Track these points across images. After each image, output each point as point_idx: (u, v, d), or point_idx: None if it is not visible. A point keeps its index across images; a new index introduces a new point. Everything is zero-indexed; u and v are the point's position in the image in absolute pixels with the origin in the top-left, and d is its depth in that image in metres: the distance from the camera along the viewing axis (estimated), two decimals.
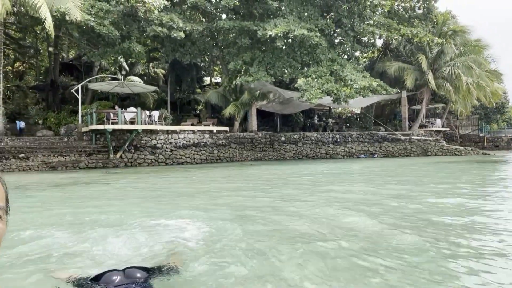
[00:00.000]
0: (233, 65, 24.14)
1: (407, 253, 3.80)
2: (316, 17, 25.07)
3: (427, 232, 4.66)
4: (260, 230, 4.91)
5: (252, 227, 5.10)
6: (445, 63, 30.18)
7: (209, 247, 4.12)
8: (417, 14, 31.20)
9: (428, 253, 3.79)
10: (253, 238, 4.46)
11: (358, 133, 28.11)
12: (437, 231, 4.71)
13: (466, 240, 4.29)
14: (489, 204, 6.82)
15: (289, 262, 3.61)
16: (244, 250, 3.96)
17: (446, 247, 4.01)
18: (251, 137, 26.26)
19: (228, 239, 4.44)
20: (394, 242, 4.22)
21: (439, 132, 33.01)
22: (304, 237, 4.50)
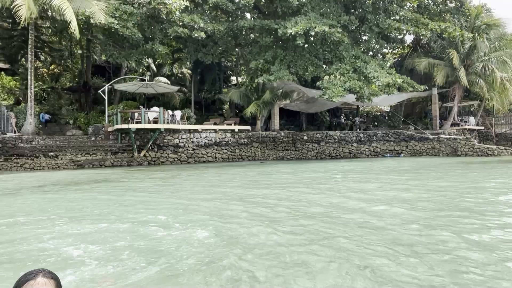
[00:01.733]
0: (254, 64, 24.17)
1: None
2: (339, 13, 24.61)
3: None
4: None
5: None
6: (478, 59, 28.68)
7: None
8: (449, 7, 29.89)
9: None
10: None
11: (383, 132, 27.32)
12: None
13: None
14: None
15: None
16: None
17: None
18: (273, 136, 26.19)
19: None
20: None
21: (473, 131, 31.44)
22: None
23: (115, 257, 4.16)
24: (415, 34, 27.40)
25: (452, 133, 28.02)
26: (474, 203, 7.34)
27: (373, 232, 5.07)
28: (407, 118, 34.32)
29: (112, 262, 3.98)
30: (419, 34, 26.41)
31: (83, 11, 18.32)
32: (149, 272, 3.71)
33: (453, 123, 31.01)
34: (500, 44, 28.95)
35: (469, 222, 5.63)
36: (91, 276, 3.60)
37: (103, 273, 3.69)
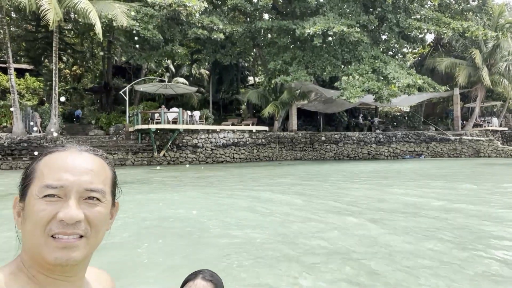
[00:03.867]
0: (273, 64, 24.21)
1: None
2: (358, 13, 24.40)
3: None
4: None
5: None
6: (501, 58, 27.98)
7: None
8: (471, 6, 29.29)
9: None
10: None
11: (403, 132, 26.95)
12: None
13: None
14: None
15: None
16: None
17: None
18: (291, 137, 26.17)
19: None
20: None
21: (496, 132, 30.69)
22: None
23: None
24: (436, 33, 26.92)
25: (474, 134, 27.44)
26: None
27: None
28: (428, 118, 33.74)
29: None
30: (440, 33, 25.95)
31: (106, 14, 18.72)
32: None
33: (476, 124, 30.35)
34: None
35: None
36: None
37: None
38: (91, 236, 0.72)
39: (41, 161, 0.76)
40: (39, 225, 0.69)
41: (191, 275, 1.53)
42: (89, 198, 0.73)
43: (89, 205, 0.72)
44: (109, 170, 0.80)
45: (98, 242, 0.76)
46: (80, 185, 0.72)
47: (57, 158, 0.75)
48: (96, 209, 0.73)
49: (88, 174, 0.74)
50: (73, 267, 0.73)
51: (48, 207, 0.70)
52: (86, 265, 0.79)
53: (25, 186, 0.75)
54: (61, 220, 0.69)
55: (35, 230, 0.70)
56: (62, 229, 0.69)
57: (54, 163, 0.74)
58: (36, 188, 0.72)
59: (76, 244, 0.70)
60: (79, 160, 0.75)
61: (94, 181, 0.73)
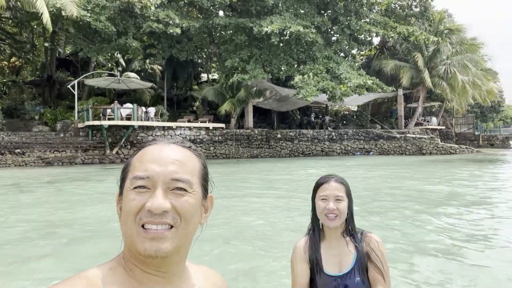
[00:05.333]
0: (230, 62, 24.18)
1: None
2: (313, 15, 25.13)
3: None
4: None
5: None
6: (441, 62, 30.30)
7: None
8: (414, 12, 31.30)
9: None
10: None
11: (353, 130, 28.24)
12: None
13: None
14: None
15: None
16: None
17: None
18: (248, 134, 26.33)
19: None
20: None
21: (435, 130, 33.20)
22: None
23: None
24: (384, 36, 28.48)
25: (416, 132, 29.45)
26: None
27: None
28: (374, 117, 35.63)
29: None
30: (387, 36, 27.48)
31: (54, 3, 17.52)
32: None
33: (417, 122, 32.59)
34: (461, 48, 30.73)
35: None
36: None
37: None
38: (180, 226, 0.73)
39: (135, 156, 0.79)
40: (130, 214, 0.72)
41: (324, 178, 1.76)
42: (176, 189, 0.73)
43: (176, 195, 0.73)
44: (198, 162, 0.80)
45: (189, 234, 0.76)
46: (166, 175, 0.73)
47: (147, 151, 0.77)
48: (184, 199, 0.74)
49: (174, 164, 0.75)
50: (165, 260, 0.72)
51: (137, 197, 0.72)
52: (181, 261, 0.78)
53: (122, 180, 0.78)
54: (149, 210, 0.70)
55: (127, 220, 0.72)
56: (150, 218, 0.70)
57: (144, 156, 0.76)
58: (128, 181, 0.75)
59: (165, 235, 0.71)
60: (166, 151, 0.76)
61: (180, 171, 0.74)
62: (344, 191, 1.71)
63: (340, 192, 1.70)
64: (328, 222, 1.69)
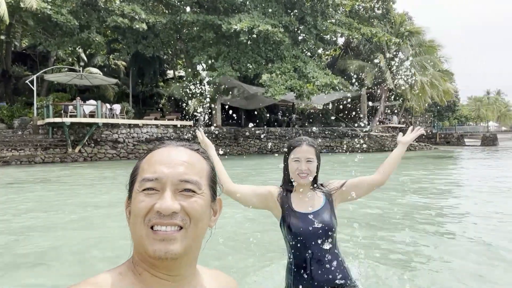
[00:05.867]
0: (198, 59, 23.94)
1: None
2: (280, 14, 25.38)
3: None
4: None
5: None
6: (401, 63, 31.56)
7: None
8: (376, 14, 32.39)
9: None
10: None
11: (320, 128, 28.88)
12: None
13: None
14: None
15: None
16: None
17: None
18: (216, 132, 26.20)
19: None
20: None
21: (395, 128, 34.57)
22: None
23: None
24: (349, 37, 29.26)
25: (378, 131, 30.57)
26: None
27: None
28: (339, 115, 36.57)
29: None
30: (352, 37, 28.27)
31: None
32: None
33: (379, 121, 33.82)
34: (420, 50, 32.19)
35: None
36: None
37: None
38: (190, 227, 0.73)
39: (144, 159, 0.80)
40: (139, 216, 0.72)
41: (296, 142, 1.96)
42: (185, 190, 0.74)
43: (185, 196, 0.74)
44: (206, 164, 0.81)
45: (198, 235, 0.75)
46: (174, 176, 0.74)
47: (155, 154, 0.79)
48: (193, 200, 0.74)
49: (182, 166, 0.75)
50: (174, 262, 0.72)
51: (146, 199, 0.73)
52: (191, 263, 0.78)
53: (131, 183, 0.79)
54: (158, 211, 0.70)
55: (136, 222, 0.73)
56: (159, 220, 0.70)
57: (152, 158, 0.78)
58: (137, 184, 0.76)
59: (174, 237, 0.71)
60: (175, 153, 0.77)
61: (188, 173, 0.75)
62: (314, 153, 1.94)
63: (311, 155, 1.92)
64: (300, 180, 1.93)
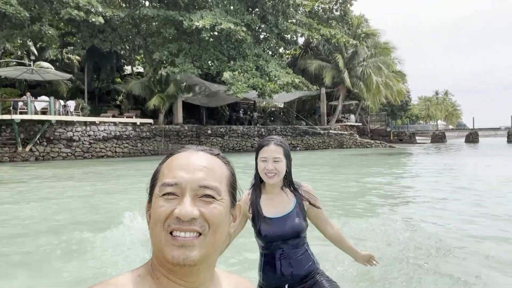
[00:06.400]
0: (158, 55, 23.41)
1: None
2: (242, 12, 25.38)
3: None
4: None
5: None
6: (358, 63, 32.75)
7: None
8: (335, 15, 33.30)
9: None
10: None
11: (281, 127, 29.26)
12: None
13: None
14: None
15: None
16: None
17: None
18: (177, 130, 25.80)
19: None
20: None
21: (353, 127, 35.80)
22: None
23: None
24: (309, 37, 29.85)
25: (337, 129, 31.53)
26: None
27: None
28: (299, 114, 37.24)
29: None
30: (312, 37, 28.86)
31: None
32: None
33: (338, 119, 34.86)
34: (376, 51, 33.53)
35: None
36: None
37: None
38: (209, 234, 0.72)
39: (164, 163, 0.79)
40: (158, 221, 0.72)
41: (265, 141, 1.93)
42: (204, 196, 0.73)
43: (204, 202, 0.73)
44: (226, 170, 0.80)
45: (217, 242, 0.75)
46: (194, 182, 0.73)
47: (175, 159, 0.78)
48: (212, 206, 0.73)
49: (202, 171, 0.75)
50: (193, 268, 0.72)
51: (166, 204, 0.72)
52: (209, 269, 0.77)
53: (151, 188, 0.79)
54: (177, 217, 0.70)
55: (155, 227, 0.73)
56: (178, 225, 0.70)
57: (172, 163, 0.77)
58: (157, 188, 0.76)
59: (193, 243, 0.70)
60: (194, 159, 0.77)
61: (208, 178, 0.74)
62: (282, 153, 1.90)
63: (278, 154, 1.89)
64: (268, 179, 1.91)
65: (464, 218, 5.61)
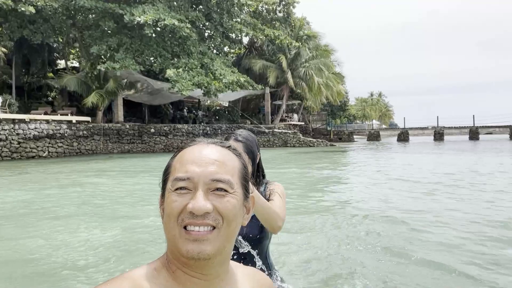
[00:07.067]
0: (96, 49, 22.17)
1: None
2: (186, 8, 24.92)
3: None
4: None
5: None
6: (301, 64, 33.72)
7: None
8: (278, 17, 33.97)
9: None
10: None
11: (227, 125, 29.21)
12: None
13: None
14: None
15: None
16: None
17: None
18: (117, 129, 24.66)
19: None
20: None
21: (296, 126, 36.78)
22: None
23: None
24: (253, 37, 30.12)
25: (281, 128, 32.20)
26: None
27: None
28: (244, 113, 37.46)
29: None
30: (256, 37, 29.15)
31: None
32: None
33: (282, 119, 35.62)
34: (317, 53, 34.74)
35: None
36: None
37: None
38: (222, 227, 0.73)
39: (176, 157, 0.79)
40: (172, 216, 0.72)
41: (227, 137, 1.84)
42: (217, 190, 0.74)
43: (217, 196, 0.73)
44: (238, 162, 0.80)
45: (231, 235, 0.75)
46: (206, 175, 0.73)
47: (187, 152, 0.78)
48: (225, 199, 0.74)
49: (214, 165, 0.75)
50: (207, 262, 0.72)
51: (179, 199, 0.72)
52: (224, 262, 0.78)
53: (164, 182, 0.79)
54: (191, 212, 0.71)
55: (169, 222, 0.73)
56: (192, 220, 0.71)
57: (184, 157, 0.77)
58: (170, 183, 0.76)
59: (207, 237, 0.71)
60: (206, 152, 0.77)
61: (220, 171, 0.74)
62: (241, 149, 1.75)
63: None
64: None
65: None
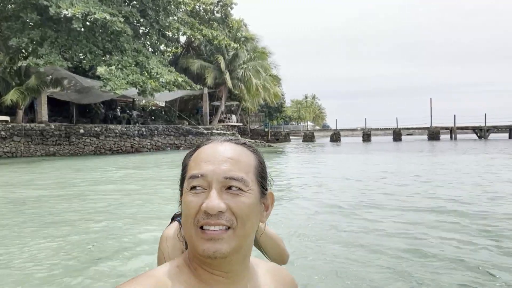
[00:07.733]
0: (16, 41, 20.21)
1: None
2: (119, 3, 23.76)
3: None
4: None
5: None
6: (239, 66, 33.88)
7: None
8: (216, 17, 33.77)
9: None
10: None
11: (164, 126, 28.34)
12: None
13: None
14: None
15: None
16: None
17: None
18: (41, 129, 22.69)
19: None
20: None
21: (234, 127, 36.89)
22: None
23: None
24: (191, 36, 29.60)
25: (219, 128, 32.04)
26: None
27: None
28: (182, 113, 36.63)
29: None
30: (194, 37, 28.69)
31: None
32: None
33: (220, 119, 35.47)
34: (254, 55, 35.15)
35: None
36: None
37: None
38: (237, 227, 0.71)
39: (191, 156, 0.79)
40: (189, 216, 0.72)
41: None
42: (231, 188, 0.72)
43: (231, 195, 0.72)
44: (253, 159, 0.79)
45: (247, 234, 0.74)
46: (219, 174, 0.72)
47: (201, 151, 0.77)
48: (239, 199, 0.72)
49: (227, 162, 0.74)
50: (224, 260, 0.72)
51: (194, 199, 0.72)
52: (243, 260, 0.77)
53: (182, 181, 0.79)
54: (205, 211, 0.70)
55: (187, 222, 0.73)
56: (206, 220, 0.70)
57: (198, 156, 0.77)
58: (186, 182, 0.76)
59: (222, 236, 0.70)
60: (219, 150, 0.76)
61: (234, 169, 0.73)
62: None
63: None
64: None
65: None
